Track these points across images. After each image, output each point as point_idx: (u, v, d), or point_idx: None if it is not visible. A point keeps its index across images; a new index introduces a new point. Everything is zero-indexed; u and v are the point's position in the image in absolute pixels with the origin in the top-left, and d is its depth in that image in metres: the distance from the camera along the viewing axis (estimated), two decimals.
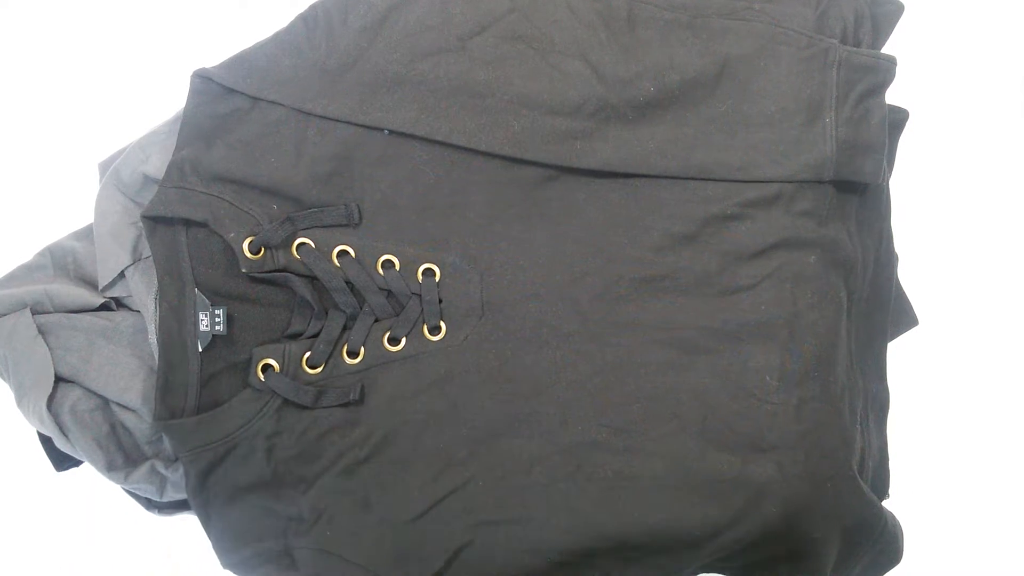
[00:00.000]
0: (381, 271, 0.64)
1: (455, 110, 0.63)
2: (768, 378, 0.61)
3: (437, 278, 0.64)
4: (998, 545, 0.98)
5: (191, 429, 0.63)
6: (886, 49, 0.68)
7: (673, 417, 0.62)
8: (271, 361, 0.64)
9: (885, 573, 0.66)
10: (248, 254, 0.63)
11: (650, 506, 0.61)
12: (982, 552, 0.98)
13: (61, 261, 0.72)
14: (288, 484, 0.64)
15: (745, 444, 0.61)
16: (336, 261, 0.64)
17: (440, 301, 0.64)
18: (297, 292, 0.64)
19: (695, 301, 0.63)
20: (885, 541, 0.64)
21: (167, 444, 0.69)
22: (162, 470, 0.69)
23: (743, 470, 0.60)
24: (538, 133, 0.62)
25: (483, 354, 0.64)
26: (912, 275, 0.78)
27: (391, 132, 0.64)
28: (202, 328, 0.64)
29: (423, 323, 0.64)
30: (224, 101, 0.65)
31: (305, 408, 0.64)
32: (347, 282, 0.64)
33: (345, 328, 0.65)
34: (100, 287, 0.69)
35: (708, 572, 0.65)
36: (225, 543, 0.65)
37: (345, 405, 0.64)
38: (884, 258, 0.71)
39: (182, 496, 0.69)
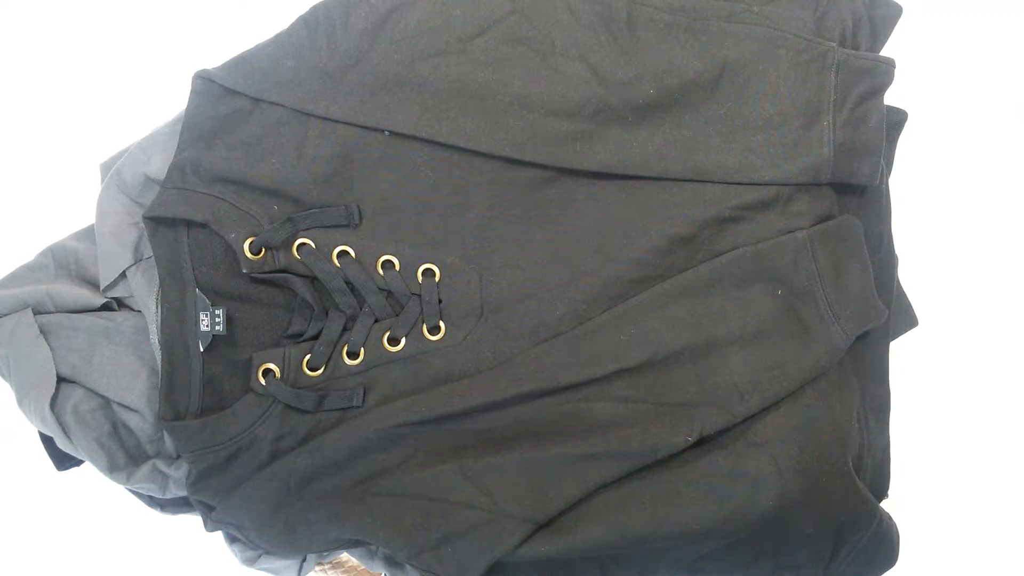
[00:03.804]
0: (381, 271, 0.65)
1: (456, 111, 0.63)
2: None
3: (437, 278, 0.65)
4: (997, 546, 0.98)
5: (195, 431, 0.63)
6: (885, 51, 0.68)
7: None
8: (271, 366, 0.64)
9: (880, 575, 0.67)
10: (249, 255, 0.63)
11: (652, 502, 0.61)
12: (982, 553, 0.98)
13: (63, 261, 0.72)
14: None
15: (738, 439, 0.61)
16: (336, 261, 0.64)
17: (440, 301, 0.65)
18: (297, 292, 0.64)
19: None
20: (879, 541, 0.64)
21: (169, 443, 0.69)
22: (164, 468, 0.69)
23: (738, 463, 0.61)
24: (538, 134, 0.63)
25: (482, 353, 0.64)
26: (912, 275, 0.79)
27: (392, 133, 0.64)
28: (203, 328, 0.64)
29: (423, 323, 0.65)
30: (225, 102, 0.65)
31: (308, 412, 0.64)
32: (347, 282, 0.65)
33: (345, 329, 0.65)
34: (101, 287, 0.69)
35: (699, 570, 0.65)
36: (248, 521, 0.66)
37: (347, 408, 0.64)
38: (884, 259, 0.71)
39: (184, 493, 0.70)
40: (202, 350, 0.64)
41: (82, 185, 0.83)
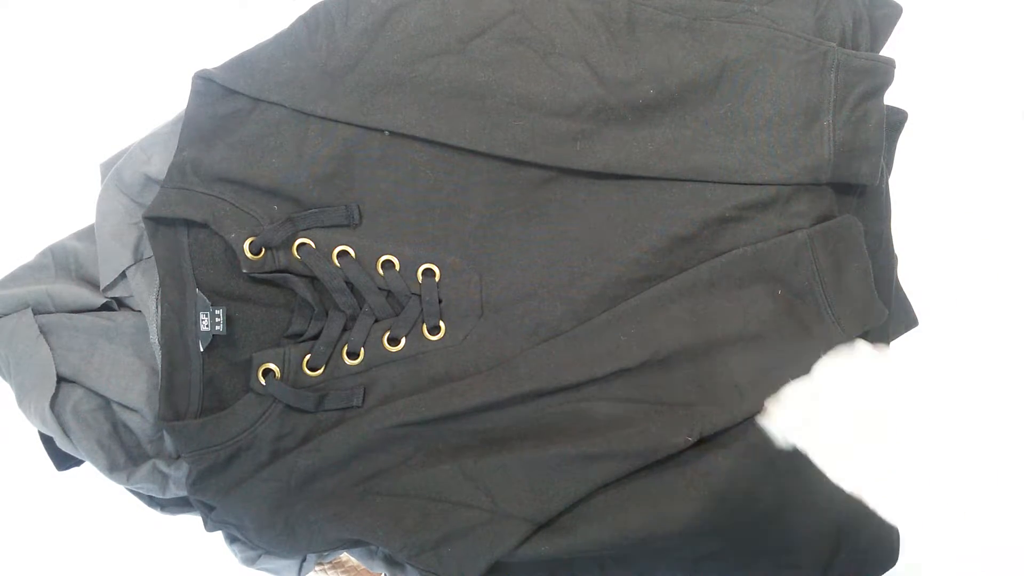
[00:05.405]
0: (381, 271, 0.65)
1: (456, 111, 0.63)
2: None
3: (437, 278, 0.65)
4: (997, 546, 0.98)
5: (195, 431, 0.63)
6: (885, 51, 0.68)
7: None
8: (271, 366, 0.64)
9: (880, 575, 0.67)
10: (249, 254, 0.63)
11: (652, 502, 0.61)
12: (981, 553, 0.98)
13: (63, 261, 0.72)
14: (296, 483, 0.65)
15: (738, 439, 0.62)
16: (336, 261, 0.64)
17: (440, 301, 0.65)
18: (297, 292, 0.64)
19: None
20: (879, 541, 0.64)
21: (169, 443, 0.69)
22: (164, 468, 0.69)
23: (738, 463, 0.61)
24: (538, 134, 0.63)
25: (482, 353, 0.64)
26: (912, 275, 0.79)
27: (392, 133, 0.64)
28: (203, 328, 0.64)
29: (423, 323, 0.65)
30: (225, 102, 0.65)
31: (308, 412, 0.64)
32: (347, 282, 0.65)
33: (345, 329, 0.65)
34: (101, 287, 0.69)
35: (699, 570, 0.65)
36: (246, 522, 0.66)
37: (347, 408, 0.64)
38: (883, 259, 0.71)
39: (184, 493, 0.70)
40: (202, 350, 0.64)
41: (82, 185, 0.83)
